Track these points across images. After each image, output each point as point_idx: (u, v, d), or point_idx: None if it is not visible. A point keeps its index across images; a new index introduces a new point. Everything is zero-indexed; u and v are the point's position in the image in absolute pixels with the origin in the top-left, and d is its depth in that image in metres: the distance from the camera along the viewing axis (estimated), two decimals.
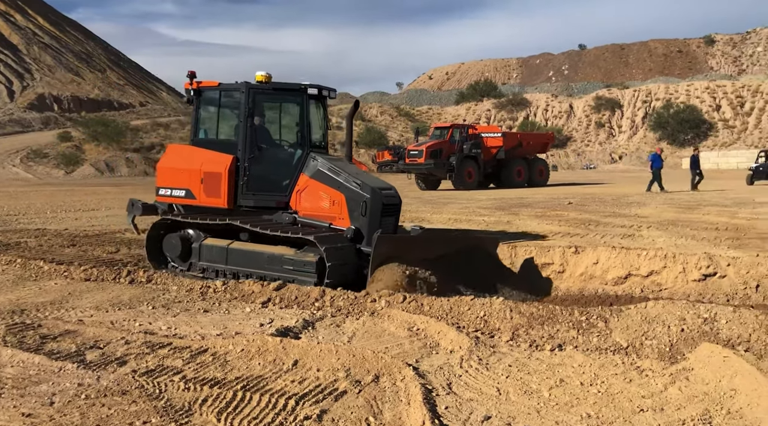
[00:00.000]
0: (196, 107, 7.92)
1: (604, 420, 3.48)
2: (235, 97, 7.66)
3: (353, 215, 7.07)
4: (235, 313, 5.80)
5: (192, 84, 7.81)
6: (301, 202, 7.42)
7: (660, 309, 4.88)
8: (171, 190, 7.89)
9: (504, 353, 4.64)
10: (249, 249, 7.25)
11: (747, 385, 3.74)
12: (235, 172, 7.49)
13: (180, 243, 7.69)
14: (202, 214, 7.61)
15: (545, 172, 29.68)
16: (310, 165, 7.42)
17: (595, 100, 78.83)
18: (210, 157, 7.65)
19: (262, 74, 7.46)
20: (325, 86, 7.84)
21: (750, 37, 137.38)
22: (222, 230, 7.54)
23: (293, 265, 6.80)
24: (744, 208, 14.21)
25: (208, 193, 7.59)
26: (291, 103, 8.01)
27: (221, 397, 3.69)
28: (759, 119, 69.16)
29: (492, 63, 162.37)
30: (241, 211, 7.59)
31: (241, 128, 7.51)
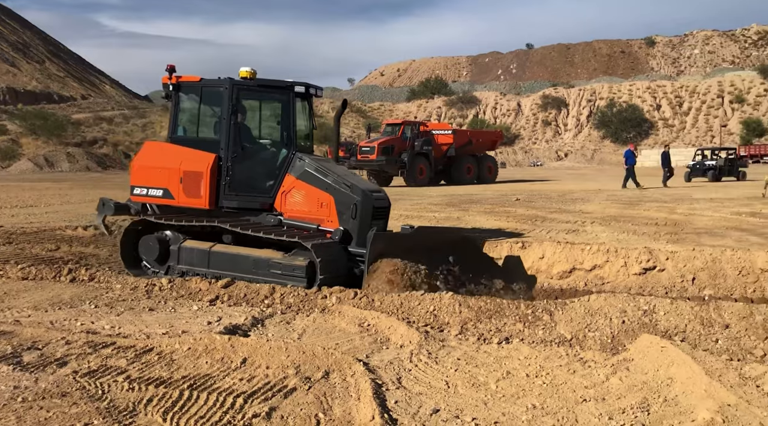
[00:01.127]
0: (174, 103, 7.57)
1: (548, 410, 3.57)
2: (217, 93, 7.34)
3: (342, 218, 6.90)
4: (182, 312, 5.68)
5: (171, 78, 7.47)
6: (286, 203, 7.19)
7: (602, 302, 5.04)
8: (147, 190, 7.48)
9: (453, 347, 4.70)
10: (233, 252, 6.96)
11: (682, 374, 3.91)
12: (218, 171, 7.22)
13: (157, 245, 7.32)
14: (182, 215, 7.30)
15: (494, 169, 30.16)
16: (296, 165, 7.20)
17: (542, 99, 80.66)
18: (190, 155, 7.31)
19: (246, 70, 7.23)
20: (312, 84, 7.65)
21: (687, 39, 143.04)
22: (202, 232, 7.26)
23: (281, 269, 6.56)
24: (682, 204, 14.80)
25: (188, 193, 7.26)
26: (277, 100, 7.74)
27: (167, 397, 3.61)
28: (696, 119, 72.17)
29: (443, 61, 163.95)
30: (223, 213, 7.30)
31: (224, 126, 7.21)
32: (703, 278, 7.46)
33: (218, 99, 7.32)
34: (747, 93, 73.09)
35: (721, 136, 65.77)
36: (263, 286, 6.18)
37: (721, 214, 12.27)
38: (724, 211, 12.77)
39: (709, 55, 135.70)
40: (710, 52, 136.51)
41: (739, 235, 9.31)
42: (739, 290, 7.27)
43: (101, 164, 49.91)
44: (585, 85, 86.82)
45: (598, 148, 69.48)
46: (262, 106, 8.10)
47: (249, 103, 7.79)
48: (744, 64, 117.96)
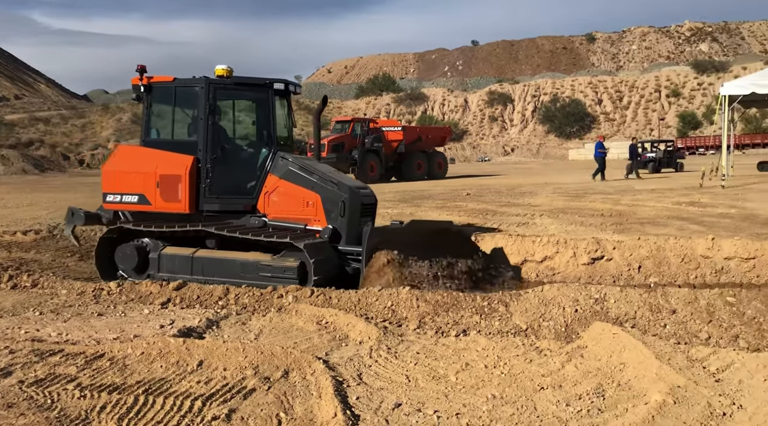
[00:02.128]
0: (146, 105, 7.28)
1: (507, 399, 3.63)
2: (193, 93, 7.11)
3: (330, 216, 6.80)
4: (133, 316, 5.51)
5: (142, 79, 7.18)
6: (270, 204, 7.03)
7: (555, 292, 5.15)
8: (121, 196, 7.17)
9: (412, 341, 4.73)
10: (218, 257, 6.78)
11: (634, 359, 4.04)
12: (196, 174, 7.00)
13: (135, 253, 7.06)
14: (161, 221, 7.03)
15: (444, 165, 30.45)
16: (278, 165, 7.04)
17: (488, 95, 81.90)
18: (166, 158, 7.07)
19: (222, 68, 7.02)
20: (291, 81, 7.48)
21: (626, 35, 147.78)
22: (183, 238, 7.02)
23: (271, 271, 6.43)
24: (625, 195, 15.28)
25: (166, 197, 7.01)
26: (255, 99, 7.54)
27: (121, 403, 3.50)
28: (636, 112, 74.69)
29: (390, 57, 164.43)
30: (204, 217, 7.08)
31: (202, 127, 6.99)
32: (648, 266, 7.73)
33: (194, 99, 7.10)
34: (682, 87, 76.07)
35: (659, 129, 68.28)
36: (217, 288, 6.05)
37: (662, 204, 12.73)
38: (666, 201, 13.25)
39: (646, 50, 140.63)
40: (647, 48, 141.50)
41: (680, 224, 9.69)
42: (682, 277, 7.57)
43: (38, 166, 47.88)
44: (529, 81, 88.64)
45: (543, 143, 71.06)
46: (239, 104, 7.89)
47: (226, 102, 7.59)
48: (678, 59, 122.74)
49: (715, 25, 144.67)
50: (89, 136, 58.41)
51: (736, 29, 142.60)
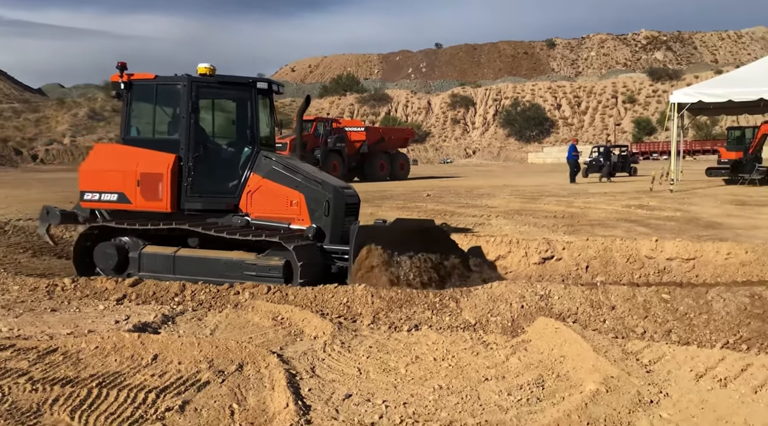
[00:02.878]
0: (126, 102, 7.20)
1: (453, 390, 3.80)
2: (174, 91, 7.07)
3: (314, 215, 6.81)
4: (87, 311, 5.51)
5: (122, 76, 7.10)
6: (252, 203, 7.00)
7: (503, 289, 5.37)
8: (100, 195, 7.08)
9: (365, 336, 4.87)
10: (201, 256, 6.74)
11: (573, 352, 4.27)
12: (178, 172, 6.94)
13: (115, 252, 6.95)
14: (143, 219, 6.95)
15: (406, 166, 30.71)
16: (261, 164, 7.04)
17: (450, 98, 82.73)
18: (147, 156, 7.00)
19: (205, 66, 6.99)
20: (274, 80, 7.50)
21: (585, 42, 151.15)
22: (164, 237, 6.96)
23: (256, 270, 6.43)
24: (578, 198, 15.74)
25: (147, 196, 6.94)
26: (238, 98, 7.50)
27: (74, 396, 3.54)
28: (593, 117, 76.47)
29: (354, 58, 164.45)
30: (186, 216, 7.03)
31: (184, 125, 6.94)
32: (595, 266, 8.05)
33: (176, 97, 7.06)
34: (638, 94, 78.25)
35: (615, 134, 70.06)
36: (173, 284, 6.09)
37: (613, 207, 13.18)
38: (616, 204, 13.72)
39: (604, 57, 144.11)
40: (605, 55, 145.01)
41: (628, 226, 10.09)
42: (627, 276, 7.91)
43: None
44: (491, 85, 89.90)
45: (503, 146, 72.17)
46: (222, 103, 7.85)
47: (209, 100, 7.57)
48: (635, 66, 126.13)
49: (670, 35, 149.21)
50: (43, 131, 56.81)
51: (689, 39, 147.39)
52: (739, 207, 12.81)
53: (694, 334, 4.61)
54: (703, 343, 4.53)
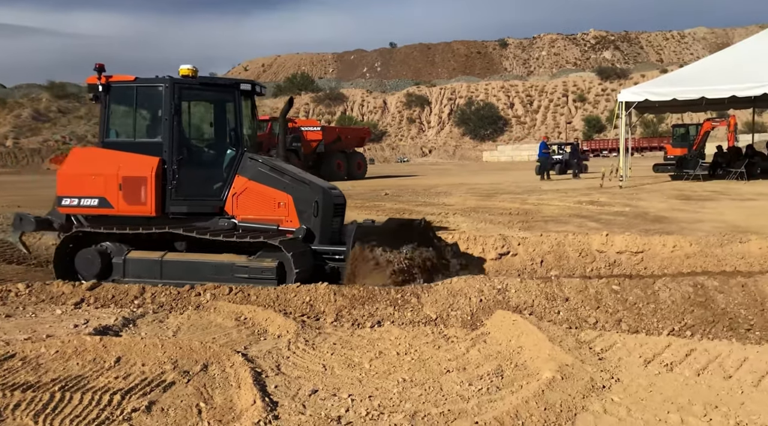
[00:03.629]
0: (105, 105, 7.04)
1: (416, 382, 3.92)
2: (156, 93, 6.96)
3: (303, 216, 6.80)
4: (44, 316, 5.41)
5: (99, 78, 6.93)
6: (239, 205, 6.96)
7: (462, 284, 5.53)
8: (79, 200, 6.91)
9: (329, 333, 4.95)
10: (190, 259, 6.66)
11: (530, 342, 4.45)
12: (162, 175, 6.84)
13: (99, 258, 6.80)
14: (124, 224, 6.83)
15: (363, 166, 30.82)
16: (247, 166, 6.99)
17: (406, 97, 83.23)
18: (129, 160, 6.87)
19: (187, 68, 6.91)
20: (257, 82, 7.48)
21: (536, 42, 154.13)
22: (147, 241, 6.84)
23: (248, 272, 6.39)
24: (532, 195, 16.15)
25: (129, 200, 6.83)
26: (221, 99, 7.44)
27: (37, 400, 3.51)
28: (545, 116, 78.12)
29: (308, 57, 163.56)
30: (171, 219, 6.92)
31: (167, 127, 6.86)
32: (549, 260, 8.31)
33: (157, 99, 6.96)
34: (588, 92, 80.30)
35: (567, 132, 71.74)
36: (132, 287, 6.03)
37: (565, 203, 13.58)
38: (568, 200, 14.14)
39: (554, 56, 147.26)
40: (556, 55, 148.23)
41: (580, 222, 10.44)
42: (579, 270, 8.19)
43: None
44: (446, 84, 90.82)
45: (459, 145, 73.04)
46: (205, 105, 7.77)
47: (192, 102, 7.47)
48: (584, 65, 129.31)
49: (618, 35, 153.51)
50: None
51: (636, 39, 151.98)
52: (684, 201, 13.37)
53: (643, 322, 4.86)
54: (650, 331, 4.77)
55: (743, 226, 9.61)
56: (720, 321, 4.75)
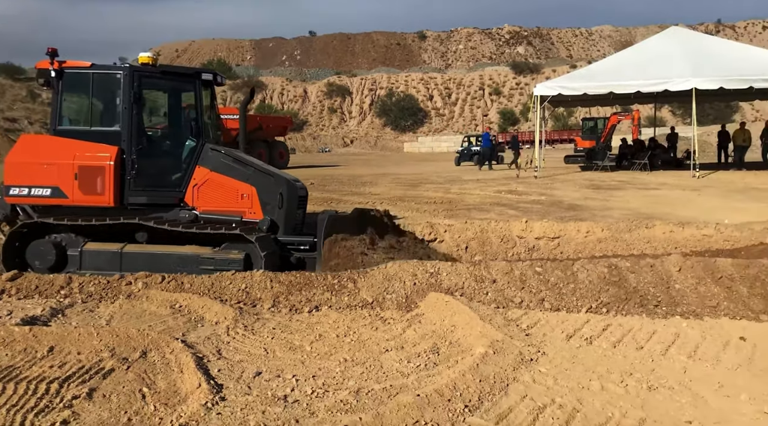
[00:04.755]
0: (57, 91, 6.65)
1: (357, 361, 4.08)
2: (113, 80, 6.66)
3: (266, 208, 6.72)
4: None
5: (53, 64, 6.54)
6: (200, 197, 6.79)
7: (397, 268, 5.71)
8: (29, 189, 6.55)
9: (267, 319, 5.01)
10: (152, 251, 6.47)
11: (462, 321, 4.70)
12: (121, 165, 6.55)
13: (53, 250, 6.51)
14: (76, 215, 6.52)
15: (285, 155, 30.49)
16: (208, 156, 6.83)
17: (327, 87, 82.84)
18: (85, 148, 6.55)
19: (146, 55, 6.66)
20: (218, 72, 7.28)
21: (454, 35, 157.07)
22: (105, 232, 6.55)
23: (214, 264, 6.27)
24: (454, 185, 16.62)
25: (86, 190, 6.54)
26: (181, 88, 7.20)
27: None
28: (463, 109, 80.00)
29: (225, 43, 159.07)
30: (129, 210, 6.65)
31: (126, 116, 6.61)
32: (474, 246, 8.66)
33: (114, 87, 6.67)
34: (503, 86, 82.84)
35: (483, 124, 73.85)
36: (58, 277, 5.83)
37: (486, 192, 14.11)
38: (488, 190, 14.68)
39: (471, 50, 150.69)
40: (472, 48, 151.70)
41: (500, 210, 10.91)
42: (501, 254, 8.59)
43: None
44: (366, 75, 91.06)
45: (380, 135, 73.57)
46: (164, 94, 7.51)
47: (152, 91, 7.24)
48: (500, 60, 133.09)
49: (531, 30, 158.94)
50: None
51: (548, 35, 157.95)
52: (595, 190, 14.21)
53: (564, 301, 5.22)
54: (571, 309, 5.14)
55: (648, 213, 10.38)
56: (632, 298, 5.18)
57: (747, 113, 63.68)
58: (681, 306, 5.05)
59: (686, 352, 4.16)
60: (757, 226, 8.37)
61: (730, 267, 5.33)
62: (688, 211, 10.55)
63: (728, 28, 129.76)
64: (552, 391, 3.55)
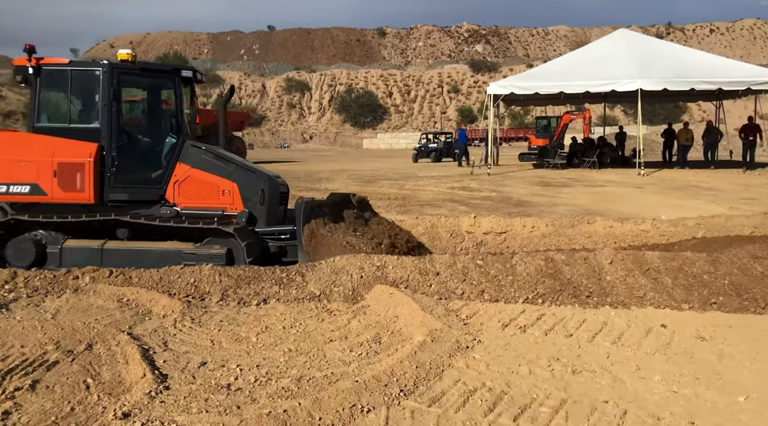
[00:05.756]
0: (36, 88, 6.56)
1: (301, 351, 4.22)
2: (93, 77, 6.62)
3: (248, 204, 6.81)
4: None
5: (30, 60, 6.45)
6: (181, 193, 6.80)
7: (345, 262, 5.87)
8: (7, 186, 6.50)
9: (215, 312, 5.11)
10: (133, 247, 6.49)
11: (405, 312, 4.89)
12: (101, 162, 6.52)
13: (33, 247, 6.49)
14: (56, 212, 6.51)
15: (243, 150, 30.19)
16: (189, 153, 6.85)
17: (286, 82, 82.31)
18: (64, 145, 6.50)
19: (126, 53, 6.64)
20: (197, 69, 7.31)
21: (413, 32, 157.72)
22: (84, 229, 6.54)
23: (196, 259, 6.29)
24: (409, 181, 16.88)
25: (65, 187, 6.51)
26: (160, 85, 7.18)
27: None
28: (422, 106, 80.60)
29: (181, 36, 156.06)
30: (109, 207, 6.63)
31: (105, 113, 6.60)
32: (424, 241, 8.89)
33: (93, 83, 6.64)
34: (461, 84, 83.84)
35: (441, 122, 74.54)
36: (2, 271, 5.78)
37: (439, 188, 14.39)
38: (442, 186, 14.98)
39: (430, 48, 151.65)
40: (431, 46, 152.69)
41: (452, 206, 11.18)
42: (451, 248, 8.85)
43: None
44: (326, 71, 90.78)
45: (340, 132, 73.53)
46: (144, 91, 7.51)
47: (131, 87, 7.29)
48: (458, 58, 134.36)
49: (489, 29, 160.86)
50: None
51: (505, 34, 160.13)
52: (544, 188, 14.65)
53: (502, 292, 5.47)
54: (508, 300, 5.39)
55: (592, 209, 10.81)
56: (566, 289, 5.46)
57: (694, 113, 66.08)
58: (611, 296, 5.35)
59: (611, 339, 4.44)
60: (690, 221, 8.84)
61: (657, 259, 5.67)
62: (629, 207, 11.02)
63: (678, 30, 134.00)
64: (483, 375, 3.77)
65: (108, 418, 3.13)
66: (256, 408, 3.27)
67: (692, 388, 3.59)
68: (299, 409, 3.20)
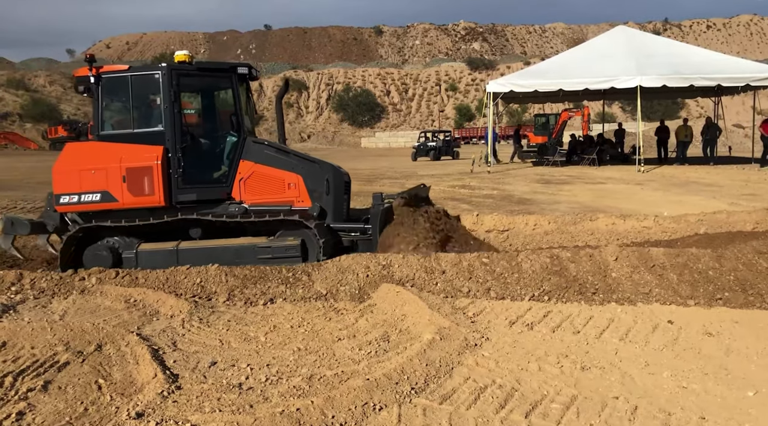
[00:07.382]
0: (98, 97, 6.57)
1: (311, 350, 4.24)
2: (152, 81, 6.66)
3: (314, 195, 6.85)
4: None
5: (91, 70, 6.47)
6: (247, 190, 6.87)
7: (350, 261, 5.89)
8: (79, 196, 6.51)
9: (222, 312, 5.12)
10: (208, 246, 6.54)
11: (412, 310, 4.91)
12: (167, 164, 6.61)
13: (110, 254, 6.53)
14: (128, 217, 6.57)
15: None
16: (251, 150, 6.90)
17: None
18: (130, 151, 6.58)
19: (183, 54, 6.68)
20: (252, 66, 7.26)
21: (410, 30, 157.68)
22: (155, 233, 6.61)
23: (272, 252, 6.37)
24: (410, 180, 16.87)
25: (135, 191, 6.54)
26: (218, 84, 7.22)
27: None
28: (419, 104, 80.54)
29: (178, 36, 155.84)
30: (179, 208, 6.67)
31: (168, 115, 6.63)
32: None
33: (154, 87, 6.66)
34: (459, 82, 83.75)
35: (440, 120, 74.53)
36: (8, 273, 5.79)
37: (440, 187, 14.39)
38: (443, 184, 14.99)
39: (427, 46, 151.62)
40: (428, 44, 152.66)
41: (454, 204, 11.18)
42: None
43: None
44: (323, 69, 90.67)
45: (338, 131, 73.48)
46: (204, 91, 7.52)
47: (191, 89, 7.30)
48: (455, 56, 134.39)
49: (486, 26, 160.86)
50: None
51: (502, 31, 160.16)
52: (544, 185, 14.67)
53: (508, 290, 5.49)
54: (515, 297, 5.41)
55: (593, 206, 10.83)
56: (572, 286, 5.48)
57: (692, 110, 66.11)
58: (617, 293, 5.37)
59: (618, 335, 4.46)
60: (692, 217, 8.87)
61: (662, 256, 5.69)
62: (630, 204, 11.04)
63: (675, 26, 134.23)
64: (493, 373, 3.78)
65: (122, 417, 3.14)
66: (269, 407, 3.28)
67: (701, 384, 3.61)
68: (312, 408, 3.22)
